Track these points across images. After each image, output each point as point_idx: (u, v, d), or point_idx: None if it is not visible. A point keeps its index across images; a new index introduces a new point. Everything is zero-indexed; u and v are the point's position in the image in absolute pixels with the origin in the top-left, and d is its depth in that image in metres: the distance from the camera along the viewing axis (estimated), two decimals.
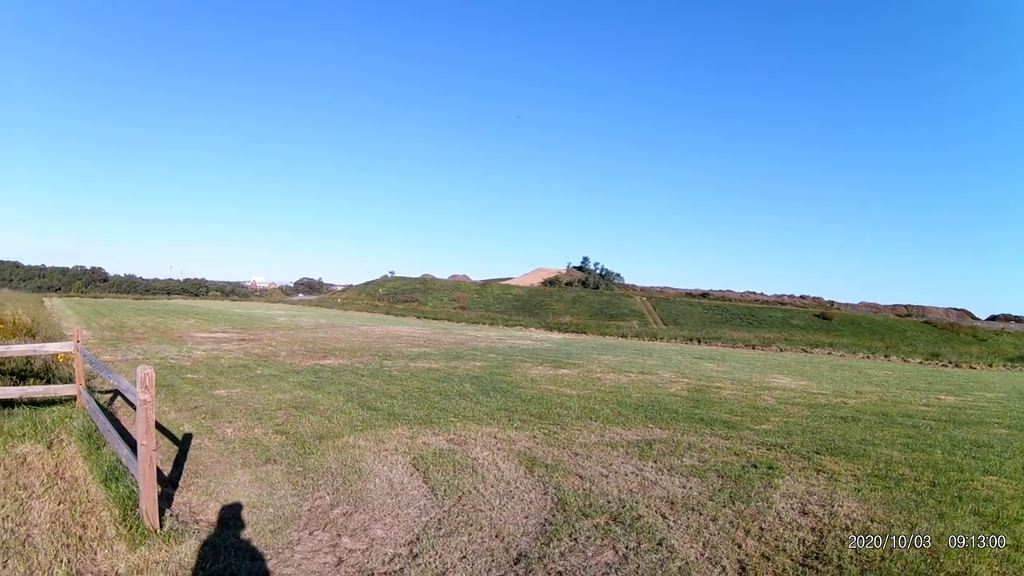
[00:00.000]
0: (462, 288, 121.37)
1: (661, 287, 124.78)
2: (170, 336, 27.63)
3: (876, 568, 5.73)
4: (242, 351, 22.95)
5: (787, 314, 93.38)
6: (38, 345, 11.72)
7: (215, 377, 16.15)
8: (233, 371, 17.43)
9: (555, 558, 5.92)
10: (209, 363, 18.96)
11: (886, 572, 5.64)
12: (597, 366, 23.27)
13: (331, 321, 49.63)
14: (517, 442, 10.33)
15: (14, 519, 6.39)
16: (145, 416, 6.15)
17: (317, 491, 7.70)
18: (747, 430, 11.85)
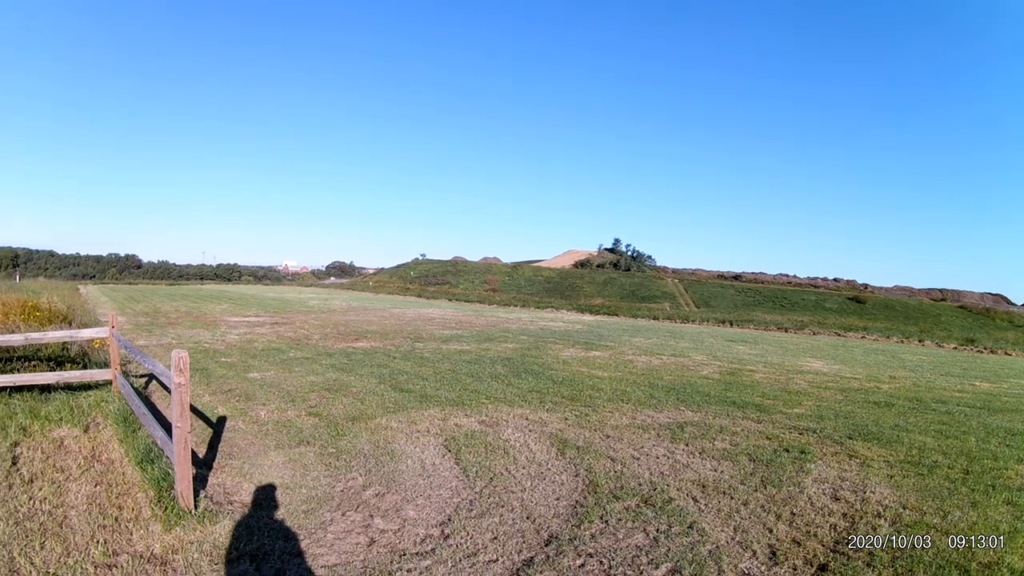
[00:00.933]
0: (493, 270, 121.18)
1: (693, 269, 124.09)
2: (204, 321, 27.86)
3: (907, 556, 5.66)
4: (275, 334, 23.10)
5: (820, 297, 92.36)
6: (74, 331, 11.82)
7: (248, 360, 16.28)
8: (266, 354, 17.56)
9: (586, 540, 5.91)
10: (242, 347, 19.12)
11: (917, 560, 5.57)
12: (629, 348, 23.18)
13: (363, 304, 49.78)
14: (549, 424, 10.32)
15: (52, 501, 6.47)
16: (180, 399, 6.20)
17: (350, 472, 7.75)
18: (779, 414, 11.76)
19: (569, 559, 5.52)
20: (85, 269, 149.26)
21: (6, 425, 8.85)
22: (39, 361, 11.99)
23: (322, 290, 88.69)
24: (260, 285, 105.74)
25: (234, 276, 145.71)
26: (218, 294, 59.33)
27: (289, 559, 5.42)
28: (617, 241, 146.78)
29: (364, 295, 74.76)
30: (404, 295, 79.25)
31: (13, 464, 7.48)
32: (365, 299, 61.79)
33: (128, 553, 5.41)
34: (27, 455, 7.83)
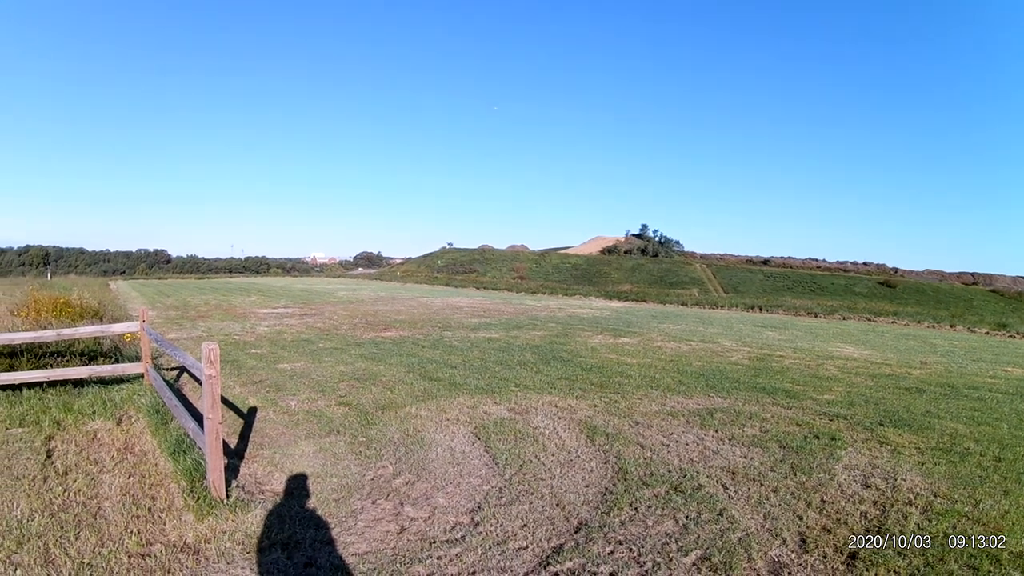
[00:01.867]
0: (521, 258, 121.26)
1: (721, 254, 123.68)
2: (233, 313, 28.02)
3: (938, 544, 5.61)
4: (304, 325, 23.20)
5: (850, 281, 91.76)
6: (105, 326, 11.92)
7: (278, 351, 16.37)
8: (296, 345, 17.64)
9: (615, 527, 5.90)
10: (272, 338, 19.21)
11: (948, 549, 5.52)
12: (657, 334, 23.08)
13: (391, 294, 49.86)
14: (578, 411, 10.31)
15: (86, 492, 6.54)
16: (211, 390, 6.24)
17: (380, 461, 7.78)
18: (809, 400, 11.67)
19: (598, 546, 5.51)
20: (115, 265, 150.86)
21: (40, 419, 8.96)
22: (72, 356, 12.10)
23: (350, 281, 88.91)
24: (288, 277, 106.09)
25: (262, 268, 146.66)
26: (247, 287, 59.64)
27: (320, 547, 5.45)
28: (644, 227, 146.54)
29: (392, 285, 74.91)
30: (432, 284, 79.35)
31: (48, 457, 7.57)
32: (393, 289, 61.86)
33: (161, 543, 5.45)
34: (61, 448, 7.92)
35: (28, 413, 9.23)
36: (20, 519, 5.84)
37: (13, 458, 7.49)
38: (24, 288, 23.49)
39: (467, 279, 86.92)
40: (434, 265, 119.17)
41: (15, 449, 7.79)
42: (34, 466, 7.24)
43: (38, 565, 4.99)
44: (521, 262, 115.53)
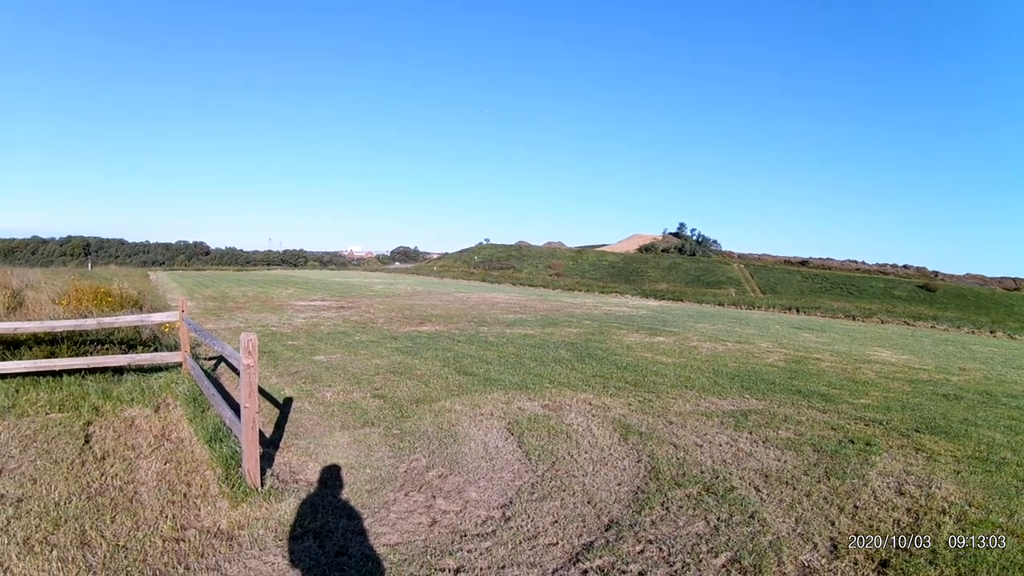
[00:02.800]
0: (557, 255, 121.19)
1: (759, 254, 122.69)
2: (271, 305, 28.24)
3: (971, 555, 5.50)
4: (341, 318, 23.34)
5: (889, 284, 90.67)
6: (145, 316, 12.06)
7: (315, 343, 16.48)
8: (332, 337, 17.75)
9: (646, 526, 5.87)
10: (309, 330, 19.35)
11: (981, 560, 5.41)
12: (693, 334, 22.95)
13: (427, 288, 50.08)
14: (612, 409, 10.28)
15: (123, 477, 6.62)
16: (248, 380, 6.29)
17: (413, 453, 7.81)
18: (845, 404, 11.52)
19: (629, 544, 5.49)
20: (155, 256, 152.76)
21: (80, 405, 9.08)
22: (111, 344, 12.24)
23: (387, 275, 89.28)
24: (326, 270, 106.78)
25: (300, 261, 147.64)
26: (284, 279, 60.07)
27: (352, 537, 5.48)
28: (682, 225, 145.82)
29: (428, 279, 75.20)
30: (468, 279, 79.45)
31: (86, 442, 7.67)
32: (429, 283, 62.15)
33: (196, 528, 5.52)
34: (99, 434, 8.02)
35: (68, 399, 9.35)
36: (58, 501, 5.93)
37: (52, 442, 7.60)
38: (65, 277, 23.81)
39: (503, 275, 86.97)
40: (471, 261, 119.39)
41: (54, 433, 7.90)
42: (73, 450, 7.34)
43: (74, 546, 5.06)
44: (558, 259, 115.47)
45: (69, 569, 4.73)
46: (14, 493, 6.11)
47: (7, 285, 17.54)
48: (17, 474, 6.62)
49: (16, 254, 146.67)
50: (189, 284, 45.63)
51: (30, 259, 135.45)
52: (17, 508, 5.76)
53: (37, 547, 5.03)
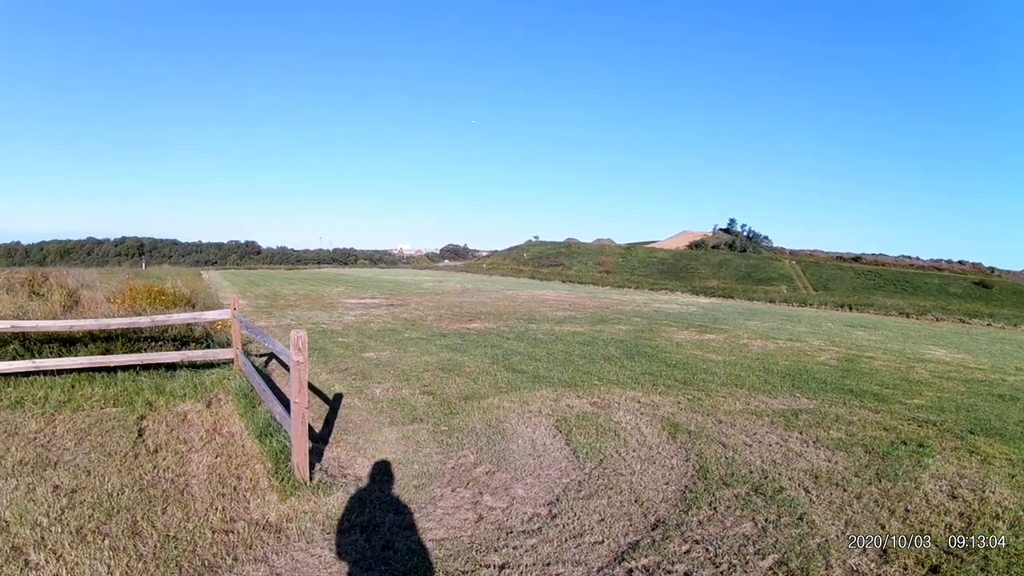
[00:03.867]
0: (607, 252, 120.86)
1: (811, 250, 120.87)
2: (321, 303, 28.46)
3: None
4: (390, 316, 23.48)
5: (944, 281, 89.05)
6: (197, 313, 12.23)
7: (365, 341, 16.59)
8: (382, 335, 17.86)
9: (693, 526, 5.82)
10: (359, 327, 19.48)
11: None
12: (744, 332, 22.72)
13: (476, 286, 50.20)
14: (661, 407, 10.20)
15: (174, 470, 6.73)
16: (298, 376, 6.35)
17: (461, 450, 7.83)
18: (898, 404, 11.28)
19: (675, 544, 5.44)
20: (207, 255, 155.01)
21: (134, 400, 9.28)
22: (164, 341, 12.43)
23: (436, 272, 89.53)
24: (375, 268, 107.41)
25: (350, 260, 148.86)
26: (335, 277, 60.46)
27: (398, 531, 5.51)
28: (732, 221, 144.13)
29: (478, 277, 75.22)
30: (517, 277, 79.43)
31: (139, 436, 7.81)
32: (479, 281, 62.21)
33: (245, 520, 5.60)
34: (152, 428, 8.17)
35: (122, 394, 9.54)
36: (111, 492, 6.06)
37: (107, 435, 7.76)
38: (120, 277, 24.22)
39: (553, 272, 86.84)
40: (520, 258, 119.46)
41: (109, 427, 8.07)
42: (126, 444, 7.49)
43: (126, 536, 5.16)
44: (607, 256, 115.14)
45: (120, 558, 4.81)
46: (68, 484, 6.24)
47: (63, 284, 17.88)
48: (72, 466, 6.77)
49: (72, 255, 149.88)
50: (241, 283, 46.15)
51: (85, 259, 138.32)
52: (71, 498, 5.88)
53: (90, 536, 5.13)
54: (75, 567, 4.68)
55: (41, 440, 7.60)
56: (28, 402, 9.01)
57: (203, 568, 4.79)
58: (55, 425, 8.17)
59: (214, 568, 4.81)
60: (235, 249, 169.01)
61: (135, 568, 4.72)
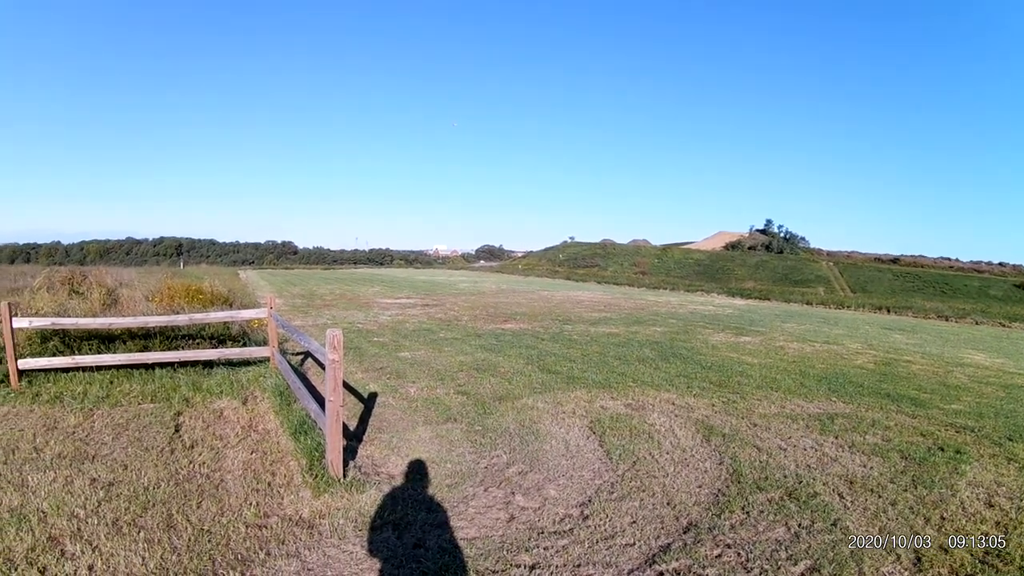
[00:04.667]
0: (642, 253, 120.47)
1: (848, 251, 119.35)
2: (357, 302, 28.65)
3: None
4: (425, 316, 23.57)
5: (984, 283, 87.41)
6: (234, 312, 12.37)
7: (400, 340, 16.67)
8: (417, 334, 17.93)
9: (725, 530, 5.77)
10: (394, 327, 19.58)
11: None
12: (780, 334, 22.55)
13: (512, 287, 50.25)
14: (695, 409, 10.15)
15: (210, 465, 6.81)
16: (333, 375, 6.40)
17: (494, 450, 7.84)
18: (936, 409, 11.11)
19: (706, 548, 5.40)
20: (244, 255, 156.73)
21: (170, 396, 9.40)
22: (201, 339, 12.57)
23: (471, 273, 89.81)
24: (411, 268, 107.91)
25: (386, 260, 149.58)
26: (370, 277, 60.85)
27: (430, 529, 5.53)
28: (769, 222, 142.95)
29: (513, 278, 75.36)
30: (553, 278, 79.47)
31: (176, 431, 7.90)
32: (514, 282, 62.31)
33: (278, 515, 5.65)
34: (189, 423, 8.27)
35: (159, 390, 9.67)
36: (147, 486, 6.15)
37: (144, 430, 7.88)
38: (158, 276, 24.61)
39: (588, 273, 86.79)
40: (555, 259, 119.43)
41: (146, 423, 8.19)
42: (163, 439, 7.60)
43: (161, 529, 5.23)
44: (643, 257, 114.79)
45: (155, 550, 4.87)
46: (105, 477, 6.34)
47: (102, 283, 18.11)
48: (109, 460, 6.88)
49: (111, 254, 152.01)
50: (278, 282, 46.57)
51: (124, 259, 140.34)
52: (108, 491, 5.98)
53: (125, 528, 5.21)
54: (110, 558, 4.75)
55: (80, 434, 7.72)
56: (67, 397, 9.17)
57: (236, 561, 4.84)
58: (93, 420, 8.30)
59: (247, 562, 4.85)
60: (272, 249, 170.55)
61: (169, 560, 4.78)
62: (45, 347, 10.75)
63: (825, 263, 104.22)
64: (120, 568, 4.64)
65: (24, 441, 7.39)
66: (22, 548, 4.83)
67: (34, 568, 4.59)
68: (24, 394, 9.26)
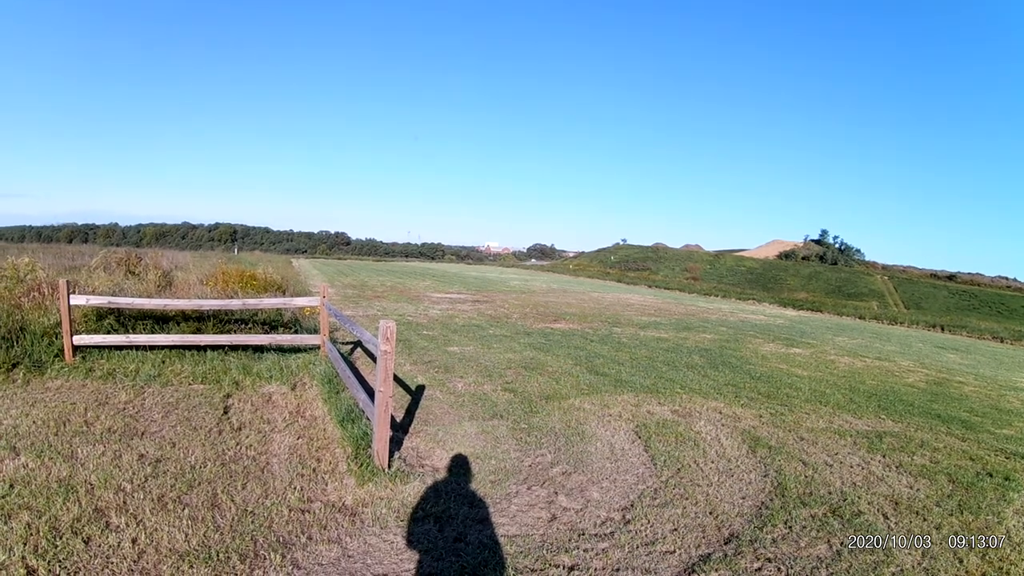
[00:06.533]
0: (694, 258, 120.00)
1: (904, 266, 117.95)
2: (408, 295, 28.78)
3: None
4: (475, 311, 23.63)
5: None
6: (288, 299, 12.49)
7: (449, 335, 16.72)
8: (466, 330, 17.98)
9: (766, 543, 5.70)
10: (444, 321, 19.65)
11: None
12: (831, 347, 22.25)
13: (562, 287, 50.15)
14: (742, 419, 10.05)
15: (257, 448, 6.88)
16: (384, 365, 6.42)
17: (539, 448, 7.82)
18: (986, 433, 10.88)
19: (747, 560, 5.34)
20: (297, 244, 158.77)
21: (221, 379, 9.54)
22: (254, 324, 12.71)
23: (522, 271, 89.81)
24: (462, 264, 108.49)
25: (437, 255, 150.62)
26: (422, 271, 61.23)
27: (471, 525, 5.53)
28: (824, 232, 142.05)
29: (564, 278, 75.32)
30: (603, 279, 79.22)
31: (224, 413, 8.00)
32: (564, 282, 62.26)
33: (321, 501, 5.69)
34: (237, 406, 8.37)
35: (210, 372, 9.82)
36: (194, 465, 6.25)
37: (193, 411, 7.99)
38: (213, 261, 24.99)
39: (639, 276, 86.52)
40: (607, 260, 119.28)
41: (195, 403, 8.31)
42: (211, 420, 7.70)
43: (205, 507, 5.30)
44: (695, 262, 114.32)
45: (198, 527, 4.93)
46: (153, 454, 6.44)
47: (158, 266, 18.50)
48: (158, 437, 6.99)
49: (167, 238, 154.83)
50: (330, 272, 46.97)
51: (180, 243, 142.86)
52: (155, 468, 6.08)
53: (170, 505, 5.29)
54: (154, 532, 4.81)
55: (130, 411, 7.86)
56: (120, 374, 9.35)
57: (278, 544, 4.87)
58: (144, 398, 8.44)
59: (288, 544, 4.88)
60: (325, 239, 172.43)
61: (212, 538, 4.82)
62: (100, 325, 10.92)
63: (880, 277, 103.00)
64: (163, 543, 4.69)
65: (75, 414, 7.53)
66: (68, 518, 4.91)
67: (79, 538, 4.66)
68: (78, 369, 9.44)
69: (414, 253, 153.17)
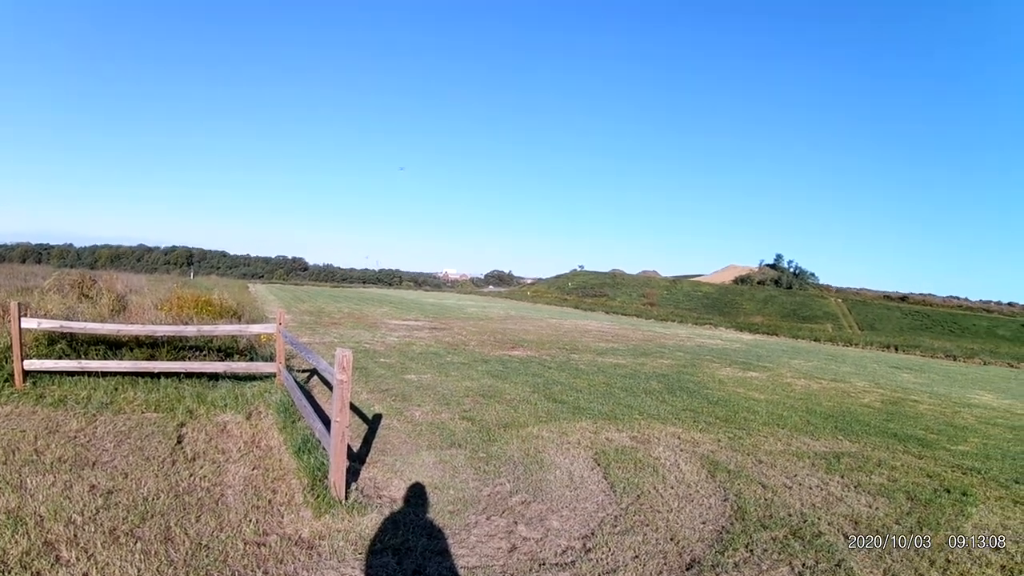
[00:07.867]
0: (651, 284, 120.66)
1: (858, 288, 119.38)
2: (365, 322, 28.62)
3: None
4: (433, 339, 23.53)
5: (993, 323, 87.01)
6: (243, 326, 12.41)
7: (406, 362, 16.62)
8: (424, 357, 17.89)
9: (728, 568, 5.71)
10: (401, 349, 19.54)
11: None
12: (788, 370, 22.53)
13: (520, 313, 50.24)
14: (701, 444, 10.08)
15: (211, 479, 6.77)
16: (340, 395, 6.38)
17: (498, 477, 7.78)
18: (942, 450, 11.08)
19: None
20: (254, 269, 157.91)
21: (175, 407, 9.40)
22: (209, 351, 12.58)
23: (480, 298, 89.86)
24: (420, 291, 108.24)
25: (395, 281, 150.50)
26: (379, 297, 61.02)
27: (430, 556, 5.47)
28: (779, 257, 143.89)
29: (521, 304, 75.48)
30: (561, 306, 79.51)
31: (178, 443, 7.89)
32: (522, 308, 62.40)
33: (277, 534, 5.60)
34: (192, 436, 8.25)
35: (164, 400, 9.68)
36: (147, 496, 6.12)
37: (146, 440, 7.86)
38: (168, 285, 24.73)
39: (597, 302, 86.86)
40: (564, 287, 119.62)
41: (148, 432, 8.18)
42: (164, 449, 7.58)
43: (158, 541, 5.20)
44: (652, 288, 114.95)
45: (151, 562, 4.83)
46: (105, 485, 6.32)
47: (112, 289, 18.20)
48: (109, 467, 6.87)
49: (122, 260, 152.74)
50: (287, 298, 46.68)
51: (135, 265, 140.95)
52: (107, 499, 5.96)
53: (123, 538, 5.18)
54: (105, 567, 4.71)
55: (81, 439, 7.72)
56: (71, 401, 9.21)
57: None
58: (96, 426, 8.30)
59: None
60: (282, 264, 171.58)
61: (165, 573, 4.74)
62: (52, 349, 10.76)
63: (834, 299, 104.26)
64: None
65: (25, 442, 7.38)
66: (17, 551, 4.80)
67: (28, 572, 4.55)
68: (28, 395, 9.30)
69: (372, 279, 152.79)
